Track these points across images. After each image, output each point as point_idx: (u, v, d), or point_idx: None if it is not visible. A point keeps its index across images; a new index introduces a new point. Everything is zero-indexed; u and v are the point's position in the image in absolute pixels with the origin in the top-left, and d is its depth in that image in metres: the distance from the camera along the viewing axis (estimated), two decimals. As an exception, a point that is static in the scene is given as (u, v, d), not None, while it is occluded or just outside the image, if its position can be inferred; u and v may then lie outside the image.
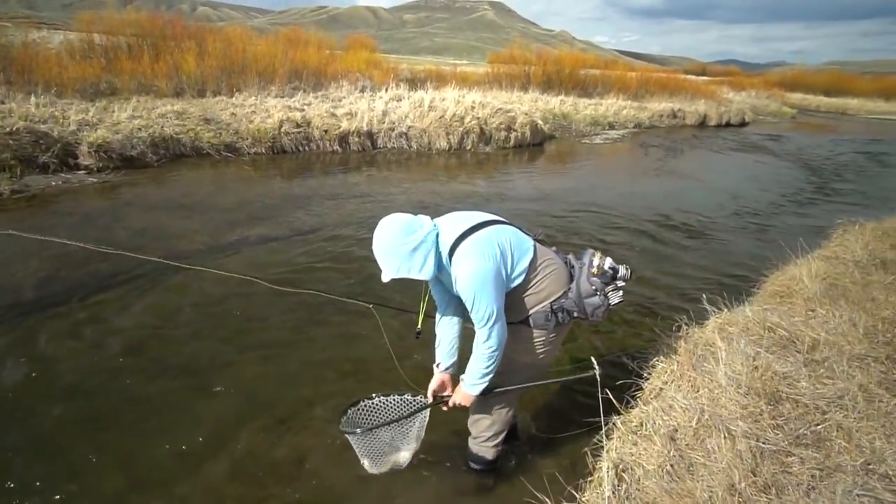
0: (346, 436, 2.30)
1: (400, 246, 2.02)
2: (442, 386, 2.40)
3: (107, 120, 8.79)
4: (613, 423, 2.49)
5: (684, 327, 3.19)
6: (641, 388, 2.81)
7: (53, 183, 6.95)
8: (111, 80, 12.14)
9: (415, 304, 2.51)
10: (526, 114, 14.04)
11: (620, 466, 2.05)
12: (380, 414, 2.42)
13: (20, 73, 10.41)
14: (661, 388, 2.66)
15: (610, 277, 2.33)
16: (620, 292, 2.36)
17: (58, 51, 13.16)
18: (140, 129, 8.71)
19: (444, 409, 2.34)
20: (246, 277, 3.45)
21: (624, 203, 8.39)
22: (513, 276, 2.17)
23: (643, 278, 5.32)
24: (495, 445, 2.55)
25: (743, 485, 1.74)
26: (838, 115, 38.23)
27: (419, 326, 2.40)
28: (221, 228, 5.89)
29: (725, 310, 3.40)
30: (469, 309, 2.09)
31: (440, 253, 2.12)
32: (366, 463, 2.40)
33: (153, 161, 8.51)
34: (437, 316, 2.42)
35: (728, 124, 23.55)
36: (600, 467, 2.13)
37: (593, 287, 2.28)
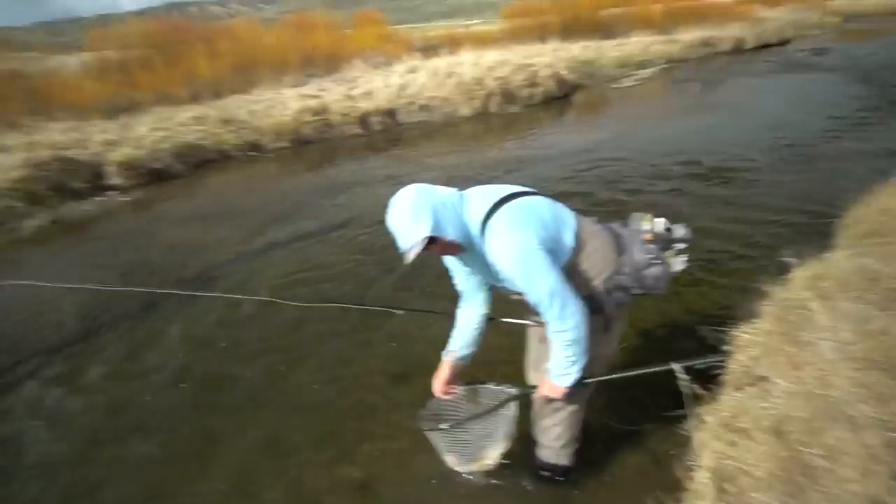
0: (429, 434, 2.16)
1: (422, 205, 1.67)
2: (450, 377, 2.16)
3: (129, 136, 8.75)
4: (699, 414, 2.17)
5: (765, 286, 2.81)
6: (725, 366, 2.47)
7: (88, 208, 6.97)
8: (129, 94, 12.16)
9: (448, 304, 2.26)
10: (548, 66, 13.34)
11: (720, 475, 1.74)
12: (462, 405, 2.22)
13: (42, 102, 10.52)
14: (749, 367, 2.31)
15: (667, 241, 2.00)
16: (685, 256, 2.03)
17: (76, 73, 13.29)
18: (162, 140, 8.64)
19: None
20: (265, 300, 3.25)
21: (663, 147, 7.80)
22: (558, 254, 1.83)
23: (701, 228, 4.83)
24: (569, 452, 2.28)
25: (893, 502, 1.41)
26: (893, 16, 35.06)
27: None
28: (251, 233, 5.74)
29: (810, 260, 2.98)
30: (525, 292, 1.78)
31: (469, 227, 1.77)
32: (449, 459, 2.21)
33: (180, 171, 8.45)
34: (459, 304, 2.17)
35: (767, 45, 21.92)
36: (695, 476, 1.82)
37: (650, 256, 1.94)
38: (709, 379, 2.46)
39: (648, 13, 23.12)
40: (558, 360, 1.88)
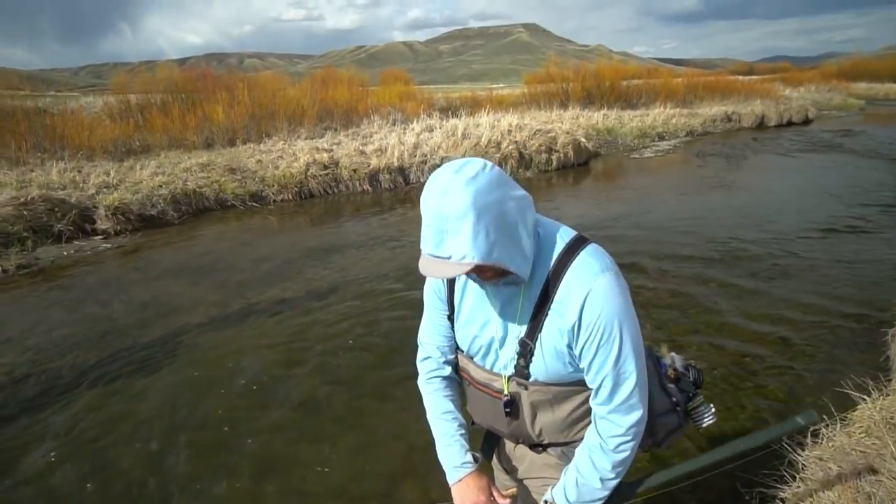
0: None
1: (488, 210, 1.04)
2: (490, 486, 1.39)
3: (128, 179, 8.51)
4: None
5: (824, 429, 2.20)
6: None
7: (66, 253, 6.55)
8: (144, 137, 12.12)
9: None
10: (567, 132, 13.11)
11: None
12: None
13: (52, 140, 10.45)
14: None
15: (691, 384, 1.49)
16: (713, 408, 1.48)
17: (97, 115, 13.38)
18: (161, 186, 8.36)
19: None
20: None
21: (685, 225, 7.29)
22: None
23: (729, 326, 4.26)
24: None
25: None
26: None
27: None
28: (231, 295, 5.24)
29: (871, 391, 2.37)
30: (592, 362, 1.18)
31: (542, 249, 1.19)
32: None
33: (174, 219, 8.09)
34: (434, 362, 1.46)
35: (790, 123, 21.69)
36: None
37: (672, 399, 1.42)
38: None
39: (671, 86, 23.24)
40: (589, 477, 1.24)
